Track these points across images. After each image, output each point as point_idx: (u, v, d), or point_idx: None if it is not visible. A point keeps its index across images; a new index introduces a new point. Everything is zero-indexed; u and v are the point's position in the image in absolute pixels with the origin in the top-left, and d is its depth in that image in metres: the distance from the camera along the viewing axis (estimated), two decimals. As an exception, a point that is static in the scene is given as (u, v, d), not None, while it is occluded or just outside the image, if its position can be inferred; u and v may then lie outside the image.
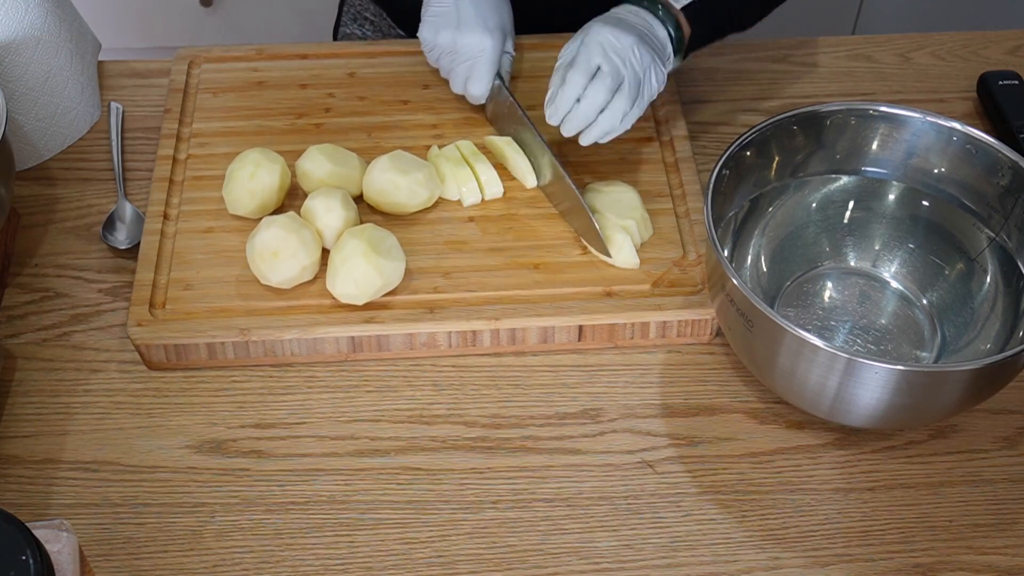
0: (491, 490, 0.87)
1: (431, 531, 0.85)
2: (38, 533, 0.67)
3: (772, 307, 0.86)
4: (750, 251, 0.96)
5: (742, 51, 1.19)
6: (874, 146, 0.95)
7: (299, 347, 0.92)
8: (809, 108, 0.94)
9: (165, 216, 0.99)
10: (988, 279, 0.92)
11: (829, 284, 0.97)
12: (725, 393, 0.92)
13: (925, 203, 0.95)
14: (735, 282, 0.82)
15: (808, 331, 0.80)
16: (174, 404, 0.92)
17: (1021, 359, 0.80)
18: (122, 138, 1.10)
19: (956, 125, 0.92)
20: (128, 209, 1.03)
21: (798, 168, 0.96)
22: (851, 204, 0.98)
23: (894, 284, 0.96)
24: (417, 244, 0.98)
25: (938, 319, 0.94)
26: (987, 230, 0.92)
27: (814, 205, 0.98)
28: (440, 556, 0.83)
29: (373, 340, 0.92)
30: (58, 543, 0.69)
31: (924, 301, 0.95)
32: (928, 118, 0.93)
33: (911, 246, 0.96)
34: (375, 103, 1.10)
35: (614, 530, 0.85)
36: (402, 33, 1.27)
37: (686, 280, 0.96)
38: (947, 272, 0.95)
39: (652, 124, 1.07)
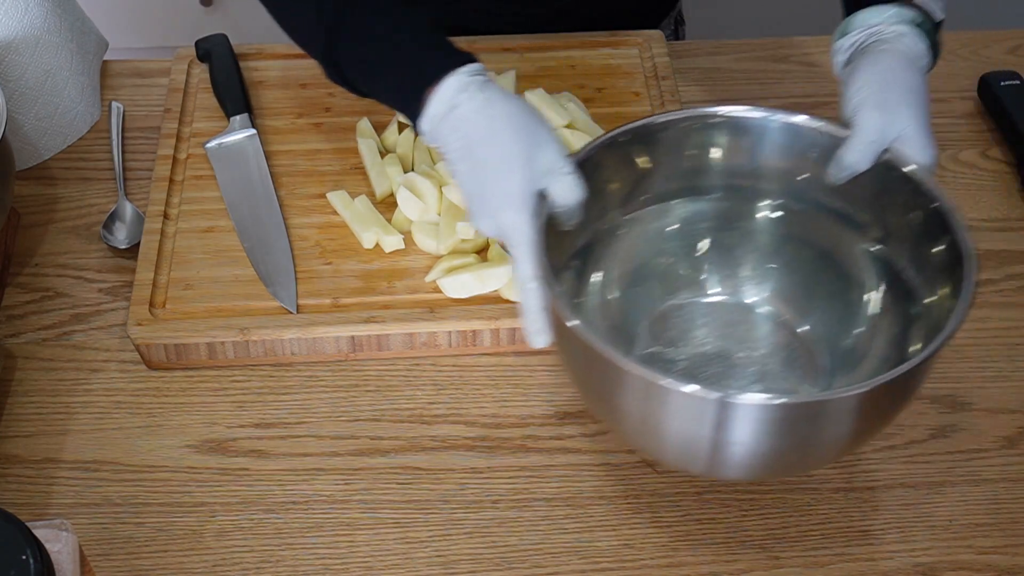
0: (491, 490, 0.87)
1: (431, 531, 0.85)
2: (38, 533, 0.67)
3: (631, 345, 0.79)
4: (599, 285, 0.84)
5: (742, 51, 1.19)
6: (726, 155, 0.82)
7: (299, 347, 0.92)
8: (642, 121, 0.80)
9: (165, 216, 0.99)
10: (871, 293, 0.82)
11: (692, 317, 0.86)
12: (725, 393, 0.92)
13: (793, 215, 0.84)
14: (577, 325, 0.70)
15: (673, 376, 0.67)
16: (174, 404, 0.92)
17: (909, 379, 0.70)
18: (122, 138, 1.10)
19: (815, 122, 0.80)
20: (128, 209, 1.03)
21: (644, 189, 0.84)
22: (712, 224, 0.86)
23: (768, 311, 0.86)
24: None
25: (822, 345, 0.83)
26: (862, 238, 0.82)
27: (668, 229, 0.86)
28: (440, 556, 0.83)
29: (373, 340, 0.92)
30: (58, 543, 0.69)
31: (805, 327, 0.84)
32: (776, 116, 0.81)
33: (783, 266, 0.85)
34: (375, 102, 1.09)
35: (614, 529, 0.85)
36: None
37: (686, 280, 0.95)
38: (826, 291, 0.84)
39: (652, 124, 1.07)
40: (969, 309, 0.69)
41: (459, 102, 0.79)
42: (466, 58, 0.81)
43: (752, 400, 0.67)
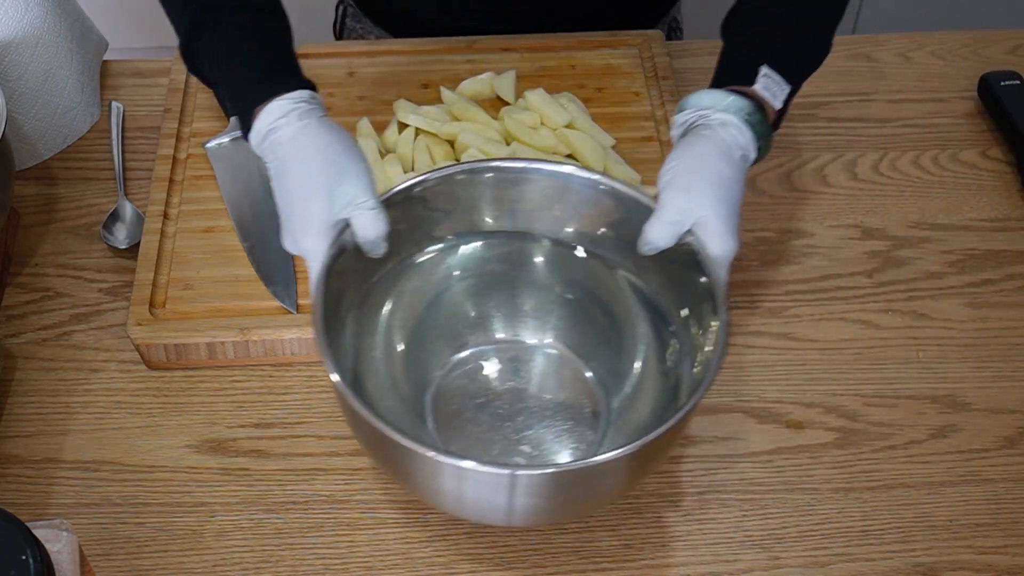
0: (491, 490, 0.87)
1: (431, 531, 0.85)
2: (38, 533, 0.67)
3: (420, 390, 0.82)
4: (388, 325, 0.84)
5: (742, 51, 1.19)
6: (510, 202, 0.84)
7: (299, 347, 0.92)
8: (440, 171, 0.82)
9: (165, 216, 0.99)
10: (638, 336, 0.84)
11: (479, 363, 0.87)
12: (725, 393, 0.92)
13: (573, 261, 0.85)
14: (338, 383, 0.70)
15: (437, 449, 0.69)
16: (174, 404, 0.92)
17: (668, 437, 0.71)
18: (122, 138, 1.10)
19: (588, 174, 0.82)
20: (128, 209, 1.03)
21: (441, 230, 0.86)
22: (504, 268, 0.87)
23: (554, 354, 0.87)
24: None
25: (603, 391, 0.84)
26: (644, 297, 0.83)
27: (458, 273, 0.87)
28: (440, 556, 0.83)
29: (373, 340, 0.92)
30: (58, 543, 0.69)
31: (589, 373, 0.85)
32: (544, 166, 0.83)
33: (571, 313, 0.87)
34: (375, 103, 1.10)
35: (614, 529, 0.85)
36: (386, 33, 1.27)
37: (686, 280, 0.95)
38: (606, 341, 0.85)
39: (652, 124, 1.07)
40: (706, 390, 0.71)
41: (278, 126, 0.83)
42: (297, 84, 0.84)
43: (521, 472, 0.69)
